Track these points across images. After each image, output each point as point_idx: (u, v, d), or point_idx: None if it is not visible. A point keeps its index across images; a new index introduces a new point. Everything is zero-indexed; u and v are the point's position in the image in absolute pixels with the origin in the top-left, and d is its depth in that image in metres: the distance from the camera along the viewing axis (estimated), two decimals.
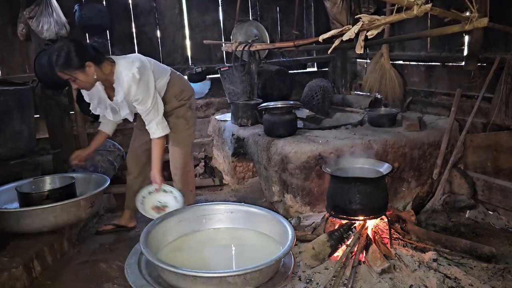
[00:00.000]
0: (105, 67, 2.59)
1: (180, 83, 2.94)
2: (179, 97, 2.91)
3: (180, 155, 2.99)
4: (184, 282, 1.79)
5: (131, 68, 2.56)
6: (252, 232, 2.33)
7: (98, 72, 2.56)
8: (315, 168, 3.01)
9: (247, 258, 2.19)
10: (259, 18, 4.65)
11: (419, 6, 1.91)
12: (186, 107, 2.94)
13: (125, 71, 2.57)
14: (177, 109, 2.91)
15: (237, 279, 1.76)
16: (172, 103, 2.89)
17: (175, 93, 2.88)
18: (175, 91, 2.88)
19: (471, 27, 2.17)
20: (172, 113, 2.91)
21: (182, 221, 2.32)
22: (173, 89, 2.87)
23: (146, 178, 3.01)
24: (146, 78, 2.61)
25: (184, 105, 2.93)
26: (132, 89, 2.57)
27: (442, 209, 3.22)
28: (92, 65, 2.51)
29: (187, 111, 2.95)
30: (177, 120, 2.92)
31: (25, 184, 2.97)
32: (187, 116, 2.95)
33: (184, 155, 3.02)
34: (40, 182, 3.06)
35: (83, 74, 2.51)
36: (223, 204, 2.47)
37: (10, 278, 2.30)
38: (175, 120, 2.92)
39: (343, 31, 2.30)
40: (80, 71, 2.50)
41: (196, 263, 2.17)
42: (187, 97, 2.95)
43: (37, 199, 2.76)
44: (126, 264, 2.03)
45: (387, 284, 2.16)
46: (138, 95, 2.59)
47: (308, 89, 4.37)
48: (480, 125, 3.35)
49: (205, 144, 4.54)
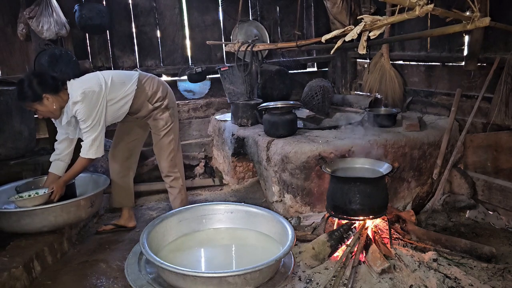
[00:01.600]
0: (63, 94, 2.69)
1: (151, 86, 2.94)
2: (153, 100, 2.94)
3: (164, 156, 3.06)
4: (184, 282, 1.79)
5: (77, 90, 2.65)
6: (252, 232, 2.33)
7: (57, 101, 2.66)
8: (315, 168, 3.01)
9: (247, 258, 2.19)
10: (259, 18, 4.66)
11: (421, 6, 1.91)
12: (162, 108, 2.96)
13: (73, 92, 2.67)
14: (153, 112, 2.95)
15: (237, 279, 1.77)
16: (146, 107, 2.92)
17: (147, 97, 2.91)
18: (146, 96, 2.91)
19: (473, 27, 2.17)
20: (150, 116, 2.97)
21: (182, 221, 2.33)
22: (143, 95, 2.90)
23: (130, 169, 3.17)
24: (89, 100, 2.66)
25: (160, 107, 2.95)
26: (75, 107, 2.65)
27: (442, 209, 3.22)
28: (50, 96, 2.62)
29: (163, 112, 2.97)
30: (155, 122, 2.97)
31: (24, 184, 2.97)
32: (164, 117, 2.97)
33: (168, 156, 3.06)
34: (39, 182, 3.06)
35: (41, 105, 2.63)
36: (223, 204, 2.47)
37: (10, 278, 2.30)
38: (153, 122, 2.98)
39: (346, 32, 2.30)
40: (38, 103, 2.62)
41: (196, 263, 2.17)
42: (161, 98, 2.97)
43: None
44: (126, 264, 2.03)
45: (387, 284, 2.16)
46: (80, 113, 2.65)
47: (308, 89, 4.37)
48: (480, 125, 3.35)
49: (205, 144, 4.53)
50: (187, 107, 4.51)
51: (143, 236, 2.02)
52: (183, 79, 4.38)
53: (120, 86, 2.82)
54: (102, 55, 4.16)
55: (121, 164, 3.12)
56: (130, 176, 3.19)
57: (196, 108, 4.54)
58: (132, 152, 3.15)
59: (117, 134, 3.14)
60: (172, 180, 3.11)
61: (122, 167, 3.12)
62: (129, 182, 3.18)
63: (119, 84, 2.81)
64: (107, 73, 2.85)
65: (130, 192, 3.21)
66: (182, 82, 4.41)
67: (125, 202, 3.16)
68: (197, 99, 4.52)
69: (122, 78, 2.86)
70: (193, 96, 4.50)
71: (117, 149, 3.12)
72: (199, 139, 4.54)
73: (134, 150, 3.17)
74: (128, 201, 3.20)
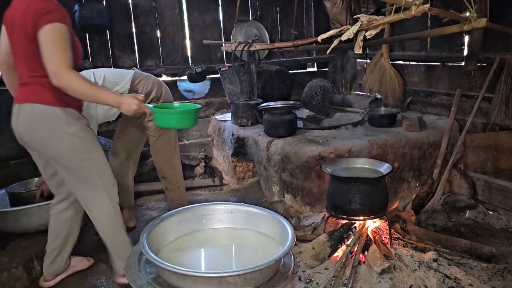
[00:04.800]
0: None
1: (145, 87, 2.94)
2: (146, 101, 2.92)
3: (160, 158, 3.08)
4: (184, 282, 1.79)
5: None
6: (252, 232, 2.33)
7: None
8: (315, 168, 3.01)
9: (247, 258, 2.18)
10: (259, 18, 4.65)
11: (417, 6, 1.91)
12: None
13: None
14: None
15: (237, 279, 1.76)
16: None
17: None
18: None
19: (469, 28, 2.16)
20: (144, 117, 2.96)
21: (182, 221, 2.32)
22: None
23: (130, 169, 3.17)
24: None
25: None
26: None
27: (442, 209, 3.22)
28: None
29: None
30: (150, 124, 2.97)
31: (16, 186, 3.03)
32: None
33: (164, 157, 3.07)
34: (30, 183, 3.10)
35: None
36: (223, 204, 2.46)
37: (10, 278, 2.30)
38: (148, 123, 2.98)
39: (342, 31, 2.30)
40: None
41: (196, 263, 2.17)
42: (155, 99, 2.97)
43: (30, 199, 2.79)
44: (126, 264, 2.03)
45: (387, 284, 2.16)
46: None
47: (308, 89, 4.37)
48: (480, 125, 3.35)
49: (205, 144, 4.54)
50: None
51: (143, 236, 2.02)
52: (183, 79, 4.38)
53: (112, 86, 2.80)
54: (102, 55, 4.16)
55: (120, 164, 3.12)
56: (129, 176, 3.19)
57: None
58: (131, 152, 3.15)
59: (117, 134, 3.14)
60: (168, 181, 3.11)
61: (121, 167, 3.12)
62: (129, 182, 3.19)
63: (111, 83, 2.81)
64: (100, 71, 2.84)
65: (130, 192, 3.21)
66: (182, 82, 4.41)
67: (124, 202, 3.17)
68: (197, 99, 4.52)
69: (115, 77, 2.85)
70: (193, 96, 4.50)
71: (116, 149, 3.12)
72: (199, 139, 4.54)
73: (134, 150, 3.17)
74: (128, 201, 3.20)
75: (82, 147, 2.16)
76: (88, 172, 2.19)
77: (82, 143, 2.16)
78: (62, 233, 2.45)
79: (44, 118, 2.08)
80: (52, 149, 2.13)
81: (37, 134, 2.11)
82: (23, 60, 2.09)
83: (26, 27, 1.97)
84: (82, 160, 2.16)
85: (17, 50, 2.10)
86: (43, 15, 1.93)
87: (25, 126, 2.12)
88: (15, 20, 2.03)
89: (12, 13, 2.07)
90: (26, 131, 2.13)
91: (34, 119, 2.09)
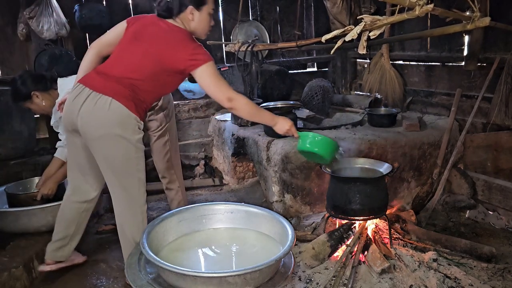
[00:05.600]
0: (53, 92, 2.74)
1: None
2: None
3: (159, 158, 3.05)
4: (184, 282, 1.79)
5: (65, 88, 2.63)
6: (252, 232, 2.33)
7: (47, 98, 2.73)
8: (315, 168, 3.01)
9: (247, 258, 2.18)
10: (259, 18, 4.65)
11: (421, 6, 1.91)
12: (155, 109, 2.94)
13: (61, 90, 2.69)
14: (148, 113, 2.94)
15: (237, 279, 1.76)
16: None
17: None
18: None
19: (473, 27, 2.17)
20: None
21: (182, 221, 2.32)
22: None
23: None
24: None
25: (153, 108, 2.94)
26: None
27: (442, 209, 3.22)
28: (39, 94, 2.71)
29: (157, 113, 2.96)
30: (149, 123, 2.96)
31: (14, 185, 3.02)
32: (158, 118, 2.96)
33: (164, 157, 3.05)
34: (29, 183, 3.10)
35: (31, 104, 2.74)
36: (223, 204, 2.46)
37: (10, 278, 2.30)
38: (147, 123, 2.97)
39: (346, 32, 2.30)
40: (29, 102, 2.72)
41: (196, 263, 2.17)
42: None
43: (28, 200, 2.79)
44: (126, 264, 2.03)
45: (387, 284, 2.16)
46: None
47: (308, 89, 4.37)
48: (480, 125, 3.35)
49: (205, 144, 4.54)
50: (187, 107, 4.51)
51: (143, 236, 2.02)
52: None
53: None
54: None
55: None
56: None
57: (196, 108, 4.54)
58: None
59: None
60: (168, 181, 3.10)
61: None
62: None
63: None
64: None
65: None
66: (182, 82, 4.41)
67: None
68: (197, 99, 4.52)
69: None
70: (193, 96, 4.49)
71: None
72: (199, 139, 4.54)
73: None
74: None
75: (135, 158, 2.17)
76: (131, 185, 2.21)
77: (137, 154, 2.17)
78: (77, 222, 2.48)
79: (116, 116, 2.06)
80: (107, 148, 2.11)
81: (100, 127, 2.08)
82: (125, 62, 2.14)
83: (161, 52, 2.13)
84: (131, 169, 2.18)
85: (124, 54, 2.16)
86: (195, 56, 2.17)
87: (89, 115, 2.08)
88: (145, 34, 2.19)
89: (144, 23, 2.28)
90: (88, 120, 2.08)
91: (105, 113, 2.06)
